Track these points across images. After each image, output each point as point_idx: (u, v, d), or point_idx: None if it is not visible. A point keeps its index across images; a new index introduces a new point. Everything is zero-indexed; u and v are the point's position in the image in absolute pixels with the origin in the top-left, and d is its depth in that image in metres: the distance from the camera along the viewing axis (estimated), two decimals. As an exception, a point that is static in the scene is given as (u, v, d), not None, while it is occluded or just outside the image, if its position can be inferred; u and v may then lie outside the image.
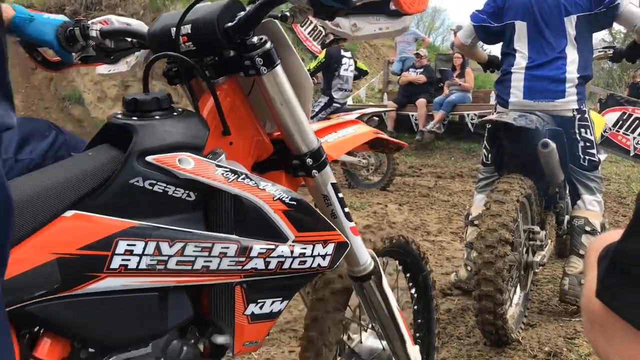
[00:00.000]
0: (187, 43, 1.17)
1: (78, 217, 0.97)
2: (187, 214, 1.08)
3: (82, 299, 0.98)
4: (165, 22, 1.24)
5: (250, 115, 1.28)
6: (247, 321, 1.19)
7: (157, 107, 1.12)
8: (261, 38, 1.17)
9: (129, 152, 1.02)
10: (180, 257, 1.05)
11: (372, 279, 1.53)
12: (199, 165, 1.07)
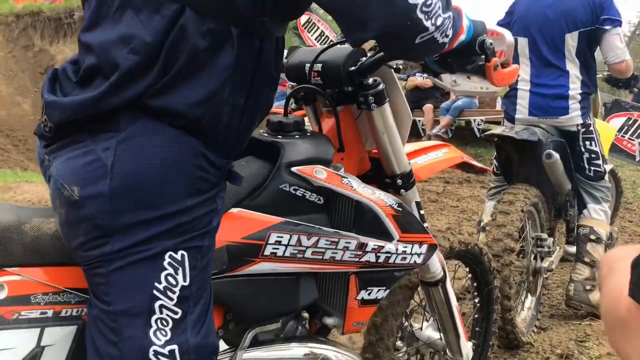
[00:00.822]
0: (316, 78, 1.45)
1: (241, 213, 1.23)
2: (317, 214, 1.33)
3: (240, 279, 1.23)
4: (300, 58, 1.52)
5: (357, 137, 1.53)
6: (357, 305, 1.44)
7: (296, 128, 1.38)
8: (375, 79, 1.42)
9: (279, 163, 1.27)
10: (314, 249, 1.30)
11: (440, 285, 1.76)
12: (330, 176, 1.32)
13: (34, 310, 0.99)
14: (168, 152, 0.92)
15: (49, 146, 1.00)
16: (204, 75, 0.93)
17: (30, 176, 7.39)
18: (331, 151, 1.38)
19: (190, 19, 0.89)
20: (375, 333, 1.76)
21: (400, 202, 1.44)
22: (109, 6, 0.93)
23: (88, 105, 0.92)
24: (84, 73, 0.96)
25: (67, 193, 0.93)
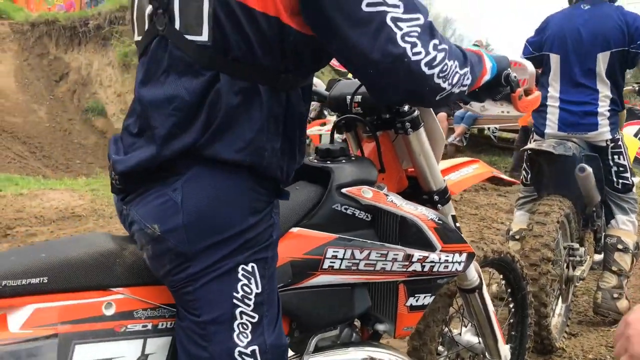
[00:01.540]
0: (357, 108, 1.62)
1: (301, 232, 1.36)
2: (366, 230, 1.46)
3: (303, 291, 1.36)
4: (341, 91, 1.67)
5: (395, 158, 1.68)
6: (407, 311, 1.58)
7: (342, 154, 1.53)
8: (411, 107, 1.57)
9: (330, 186, 1.42)
10: (367, 261, 1.43)
11: (477, 292, 1.88)
12: (376, 195, 1.46)
13: (137, 324, 1.14)
14: (225, 186, 1.08)
15: (125, 198, 1.17)
16: (241, 127, 1.07)
17: (53, 184, 7.50)
18: (375, 172, 1.53)
19: (224, 82, 1.04)
20: (418, 338, 1.89)
21: (440, 216, 1.59)
22: (157, 68, 1.08)
23: (148, 161, 1.08)
24: (139, 125, 1.12)
25: (150, 231, 1.08)
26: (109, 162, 1.18)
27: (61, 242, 1.21)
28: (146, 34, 1.12)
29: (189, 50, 1.04)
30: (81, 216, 5.69)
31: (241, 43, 1.03)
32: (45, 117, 14.12)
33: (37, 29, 16.14)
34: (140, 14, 1.15)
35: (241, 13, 1.01)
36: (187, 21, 1.04)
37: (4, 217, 5.58)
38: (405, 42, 1.02)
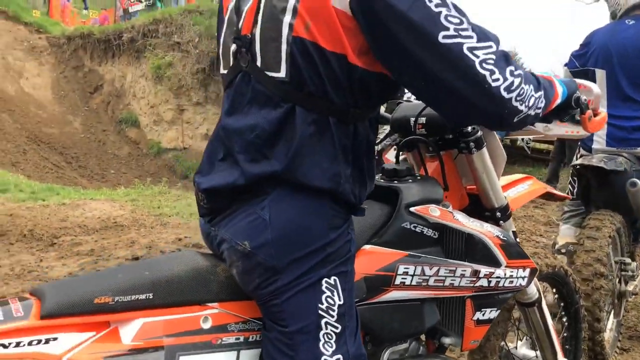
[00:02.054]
0: (421, 129, 1.66)
1: (373, 249, 1.41)
2: (434, 247, 1.51)
3: (376, 306, 1.41)
4: (404, 113, 1.73)
5: (457, 176, 1.72)
6: (474, 325, 1.61)
7: (408, 173, 1.58)
8: (474, 128, 1.62)
9: (399, 205, 1.46)
10: (436, 277, 1.47)
11: (536, 305, 1.90)
12: (443, 213, 1.51)
13: (231, 336, 1.21)
14: (306, 205, 1.16)
15: (212, 220, 1.26)
16: (316, 155, 1.15)
17: (93, 194, 7.69)
18: (440, 191, 1.57)
19: (299, 113, 1.13)
20: (479, 352, 1.91)
21: (504, 232, 1.63)
22: (242, 100, 1.19)
23: (233, 183, 1.17)
24: (223, 151, 1.21)
25: (240, 248, 1.16)
26: (195, 186, 1.28)
27: (159, 261, 1.29)
28: (231, 69, 1.23)
29: (269, 85, 1.14)
30: (123, 226, 5.83)
31: (314, 79, 1.11)
32: (81, 128, 14.49)
33: (73, 42, 16.62)
34: (226, 51, 1.25)
35: (314, 52, 1.10)
36: (267, 60, 1.14)
37: (49, 227, 5.75)
38: (483, 69, 1.09)
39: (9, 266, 4.55)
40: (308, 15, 1.08)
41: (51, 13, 20.54)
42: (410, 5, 1.04)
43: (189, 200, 7.17)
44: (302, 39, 1.09)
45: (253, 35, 1.15)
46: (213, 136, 1.27)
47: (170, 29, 13.88)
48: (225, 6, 1.27)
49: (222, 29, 1.28)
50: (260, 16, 1.14)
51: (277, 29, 1.11)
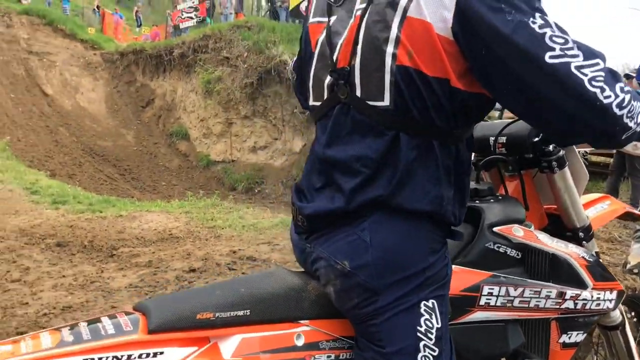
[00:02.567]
0: (501, 149, 1.65)
1: (457, 269, 1.37)
2: (517, 267, 1.48)
3: (461, 327, 1.39)
4: (483, 132, 1.71)
5: (536, 196, 1.70)
6: (559, 348, 1.58)
7: (490, 193, 1.57)
8: (556, 147, 1.59)
9: (482, 225, 1.45)
10: (521, 298, 1.45)
11: (619, 329, 1.85)
12: (526, 233, 1.48)
13: (322, 354, 1.21)
14: (407, 228, 1.17)
15: (309, 237, 1.28)
16: (419, 179, 1.16)
17: (148, 206, 7.89)
18: (522, 211, 1.54)
19: (403, 140, 1.14)
20: None
21: (589, 253, 1.58)
22: (341, 131, 1.20)
23: (335, 211, 1.19)
24: (322, 181, 1.24)
25: (339, 267, 1.18)
26: (293, 207, 1.30)
27: (253, 278, 1.31)
28: (326, 102, 1.25)
29: (371, 114, 1.15)
30: (178, 238, 5.95)
31: (418, 105, 1.13)
32: (133, 141, 14.94)
33: (126, 58, 17.23)
34: (318, 83, 1.27)
35: (418, 79, 1.11)
36: (368, 90, 1.15)
37: (108, 238, 5.93)
38: (593, 86, 1.07)
39: (72, 276, 4.71)
40: (410, 44, 1.09)
41: (105, 30, 21.40)
42: (514, 29, 1.03)
43: (240, 213, 7.27)
44: (406, 67, 1.10)
45: (352, 66, 1.17)
46: (309, 168, 1.29)
47: (220, 44, 14.20)
48: (313, 40, 1.29)
49: (311, 63, 1.30)
50: (359, 48, 1.15)
51: (380, 59, 1.12)
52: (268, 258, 4.95)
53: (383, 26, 1.12)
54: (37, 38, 17.60)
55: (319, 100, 1.27)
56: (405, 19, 1.09)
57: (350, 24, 1.18)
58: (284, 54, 12.58)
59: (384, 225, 1.16)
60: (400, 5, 1.10)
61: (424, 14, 1.08)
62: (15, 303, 4.01)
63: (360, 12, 1.16)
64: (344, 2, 1.22)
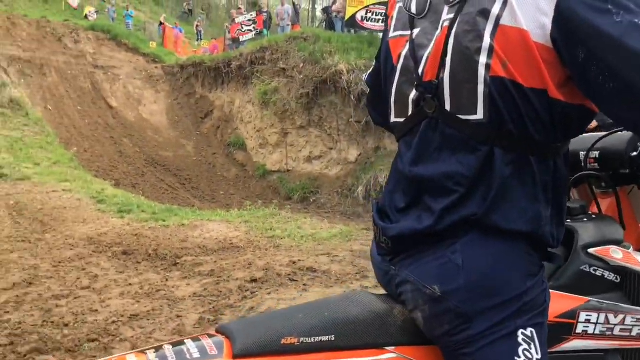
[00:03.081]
0: (593, 164, 1.56)
1: (550, 294, 1.26)
2: (615, 292, 1.37)
3: (557, 356, 1.29)
4: (573, 146, 1.60)
5: (632, 214, 1.59)
6: None
7: (582, 212, 1.46)
8: None
9: (576, 246, 1.35)
10: (622, 326, 1.34)
11: None
12: (626, 255, 1.37)
13: None
14: (503, 250, 1.10)
15: (393, 259, 1.22)
16: (515, 197, 1.08)
17: (209, 215, 8.04)
18: (620, 231, 1.43)
19: (498, 155, 1.07)
20: None
21: None
22: (428, 147, 1.14)
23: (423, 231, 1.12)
24: (406, 200, 1.18)
25: (428, 292, 1.11)
26: (375, 227, 1.24)
27: (336, 301, 1.26)
28: (411, 117, 1.19)
29: (463, 128, 1.09)
30: (239, 247, 6.02)
31: (514, 118, 1.06)
32: (193, 152, 15.33)
33: (186, 70, 17.74)
34: (402, 99, 1.22)
35: (514, 90, 1.04)
36: (459, 103, 1.10)
37: (171, 247, 6.07)
38: None
39: (138, 284, 4.83)
40: (505, 53, 1.04)
41: (165, 44, 22.12)
42: (624, 31, 0.95)
43: (298, 223, 7.29)
44: (501, 78, 1.04)
45: (440, 79, 1.11)
46: (392, 186, 1.24)
47: (276, 55, 14.39)
48: (395, 54, 1.24)
49: (392, 78, 1.24)
50: (448, 59, 1.10)
51: (472, 70, 1.07)
52: (328, 270, 4.92)
53: (474, 36, 1.06)
54: (102, 53, 18.41)
55: (402, 117, 1.22)
56: (499, 27, 1.03)
57: (437, 35, 1.12)
58: (339, 64, 12.61)
59: (477, 247, 1.09)
60: (493, 14, 1.03)
61: (520, 21, 1.01)
62: (85, 310, 4.15)
63: (449, 23, 1.10)
64: (427, 14, 1.17)
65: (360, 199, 11.16)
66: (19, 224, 7.32)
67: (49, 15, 20.47)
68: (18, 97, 13.46)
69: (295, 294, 4.16)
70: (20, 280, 4.94)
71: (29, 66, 15.73)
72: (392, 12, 1.29)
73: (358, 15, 14.60)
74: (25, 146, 11.75)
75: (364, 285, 4.36)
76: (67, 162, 11.86)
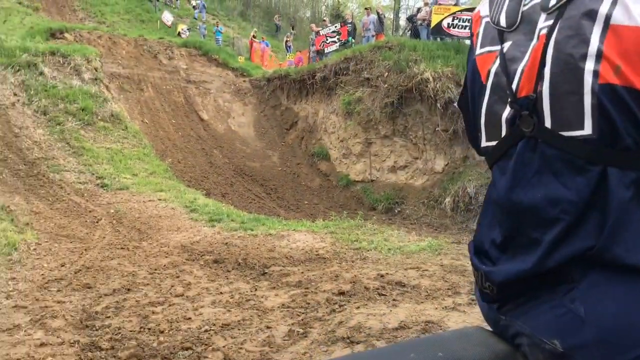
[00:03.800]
0: None
1: None
2: None
3: None
4: None
5: None
6: None
7: None
8: None
9: None
10: None
11: None
12: None
13: None
14: (633, 292, 0.94)
15: (502, 307, 1.09)
16: (637, 224, 0.93)
17: (295, 225, 8.11)
18: None
19: (613, 175, 0.93)
20: None
21: None
22: (527, 171, 1.01)
23: (529, 271, 0.99)
24: (504, 233, 1.05)
25: (549, 347, 0.98)
26: (476, 272, 1.13)
27: (449, 339, 1.15)
28: (505, 139, 1.08)
29: (567, 147, 0.97)
30: (325, 258, 5.99)
31: (631, 131, 0.92)
32: (278, 162, 15.62)
33: (272, 83, 18.18)
34: (493, 119, 1.11)
35: (630, 98, 0.91)
36: (562, 118, 0.98)
37: (260, 257, 6.16)
38: None
39: (229, 293, 4.92)
40: (618, 57, 0.91)
41: (252, 57, 22.82)
42: None
43: (384, 235, 7.18)
44: (612, 85, 0.92)
45: (539, 93, 1.00)
46: (487, 220, 1.13)
47: (360, 65, 14.38)
48: (483, 71, 1.13)
49: (482, 98, 1.13)
50: (547, 70, 0.98)
51: (577, 80, 0.95)
52: (418, 284, 4.77)
53: (578, 41, 0.94)
54: (194, 68, 19.27)
55: (494, 139, 1.10)
56: (609, 28, 0.91)
57: (533, 46, 1.02)
58: (425, 72, 12.37)
59: (600, 291, 0.94)
60: (601, 14, 0.92)
61: (636, 18, 0.89)
62: (179, 317, 4.27)
63: (547, 31, 0.99)
64: (519, 25, 1.06)
65: (447, 211, 10.83)
66: (118, 232, 7.74)
67: (146, 33, 21.76)
68: (118, 111, 14.36)
69: (385, 309, 4.05)
70: (120, 286, 5.20)
71: (128, 82, 16.76)
72: (477, 28, 1.19)
73: (444, 22, 14.30)
74: (124, 157, 12.48)
75: (457, 302, 4.17)
76: (162, 172, 12.47)
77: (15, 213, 7.94)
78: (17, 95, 13.17)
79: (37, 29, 18.36)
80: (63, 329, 4.05)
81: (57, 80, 13.98)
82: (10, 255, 6.11)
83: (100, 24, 24.04)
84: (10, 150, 11.34)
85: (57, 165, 11.30)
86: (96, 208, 9.23)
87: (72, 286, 5.23)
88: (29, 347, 3.67)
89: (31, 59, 14.03)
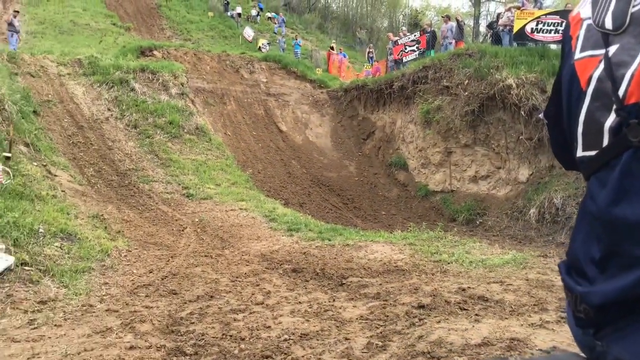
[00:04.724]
0: None
1: None
2: None
3: None
4: None
5: None
6: None
7: None
8: None
9: None
10: None
11: None
12: None
13: None
14: None
15: (598, 332, 1.02)
16: None
17: (372, 236, 8.05)
18: None
19: None
20: None
21: None
22: (633, 183, 0.94)
23: (630, 290, 0.93)
24: (603, 250, 0.99)
25: None
26: (569, 293, 1.07)
27: None
28: (608, 149, 1.01)
29: None
30: (404, 270, 5.90)
31: None
32: (355, 172, 15.63)
33: (349, 94, 18.27)
34: (592, 127, 1.04)
35: None
36: None
37: (337, 267, 6.16)
38: None
39: (307, 303, 4.95)
40: None
41: (330, 69, 23.05)
42: None
43: (466, 247, 6.96)
44: None
45: None
46: (583, 235, 1.06)
47: (439, 73, 14.13)
48: (583, 77, 1.07)
49: (580, 105, 1.07)
50: None
51: None
52: (501, 299, 4.57)
53: None
54: (274, 81, 19.74)
55: (593, 149, 1.04)
56: None
57: None
58: (508, 79, 11.96)
59: None
60: None
61: None
62: (259, 325, 4.35)
63: None
64: (627, 27, 0.99)
65: (532, 222, 10.35)
66: (202, 240, 8.03)
67: (228, 49, 22.59)
68: (202, 124, 14.96)
69: (467, 324, 3.92)
70: (203, 293, 5.37)
71: (212, 96, 17.44)
72: (576, 31, 1.11)
73: (527, 27, 13.76)
74: (208, 168, 12.96)
75: (545, 319, 3.95)
76: (244, 182, 12.83)
77: (108, 221, 8.44)
78: (110, 110, 14.07)
79: (128, 47, 19.55)
80: (150, 333, 4.23)
81: (146, 95, 14.80)
82: (104, 262, 6.50)
83: (186, 41, 25.28)
84: (105, 162, 12.11)
85: (147, 176, 11.93)
86: (182, 217, 9.63)
87: (159, 292, 5.47)
88: (120, 349, 3.87)
89: (123, 76, 14.97)
